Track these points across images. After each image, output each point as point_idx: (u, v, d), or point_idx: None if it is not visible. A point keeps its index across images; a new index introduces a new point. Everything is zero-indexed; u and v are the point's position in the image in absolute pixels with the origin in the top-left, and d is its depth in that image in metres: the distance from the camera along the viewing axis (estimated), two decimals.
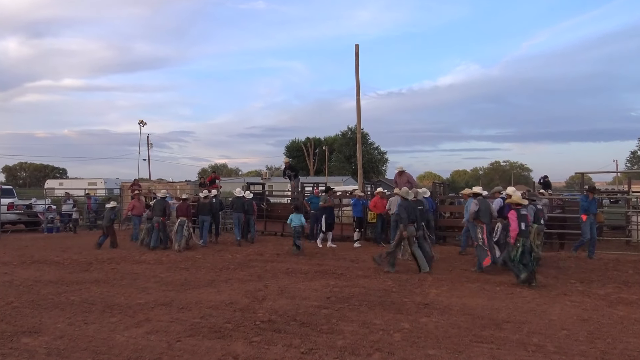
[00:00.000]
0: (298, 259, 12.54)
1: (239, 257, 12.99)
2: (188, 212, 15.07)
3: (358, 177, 20.26)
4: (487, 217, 10.84)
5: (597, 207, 12.76)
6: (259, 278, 9.97)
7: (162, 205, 15.15)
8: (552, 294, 8.50)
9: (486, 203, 11.05)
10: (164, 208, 15.09)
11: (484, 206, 10.93)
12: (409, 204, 10.87)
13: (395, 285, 9.16)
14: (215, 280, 9.71)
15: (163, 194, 16.16)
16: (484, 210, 10.85)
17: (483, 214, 10.82)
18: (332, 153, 74.31)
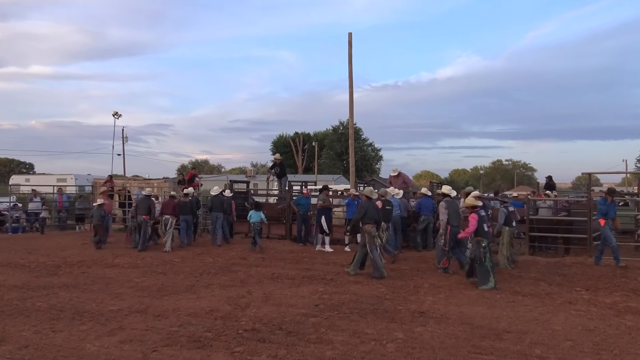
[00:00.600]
0: (285, 264, 12.53)
1: (221, 260, 12.96)
2: (175, 210, 15.53)
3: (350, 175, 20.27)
4: (455, 219, 11.38)
5: (616, 211, 12.76)
6: (242, 283, 9.96)
7: (147, 204, 15.47)
8: (556, 302, 8.57)
9: (455, 204, 11.61)
10: (149, 206, 15.41)
11: (453, 208, 11.45)
12: (369, 204, 11.24)
13: (388, 292, 9.20)
14: (194, 286, 9.68)
15: (148, 191, 16.36)
16: (453, 212, 11.38)
17: (452, 216, 11.34)
18: (322, 149, 74.39)
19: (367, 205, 11.23)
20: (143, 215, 15.32)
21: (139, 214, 15.50)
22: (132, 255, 13.87)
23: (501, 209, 12.52)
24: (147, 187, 22.30)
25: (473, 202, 10.30)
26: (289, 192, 18.47)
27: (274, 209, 18.60)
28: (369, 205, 11.23)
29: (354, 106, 19.99)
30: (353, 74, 19.79)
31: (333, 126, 75.35)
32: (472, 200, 10.34)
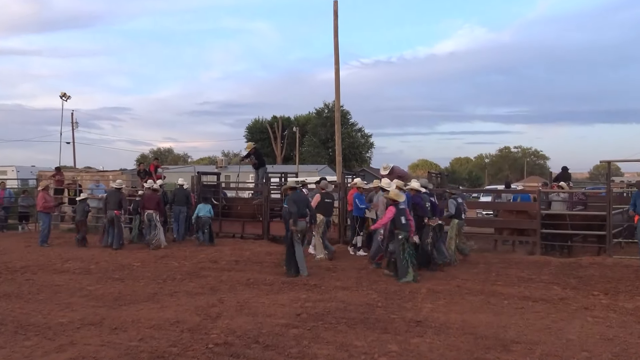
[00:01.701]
0: (262, 267, 12.54)
1: (188, 264, 12.94)
2: (160, 205, 16.30)
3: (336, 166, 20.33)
4: None
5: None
6: (213, 291, 9.96)
7: (117, 198, 16.05)
8: (570, 308, 8.68)
9: None
10: (119, 200, 15.99)
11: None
12: (299, 196, 11.94)
13: (381, 298, 9.25)
14: (157, 294, 9.66)
15: (119, 184, 16.81)
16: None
17: None
18: (304, 136, 74.34)
19: (295, 198, 11.78)
20: (114, 211, 15.83)
21: (109, 209, 15.98)
22: (84, 259, 13.79)
23: (450, 201, 13.21)
24: (102, 179, 22.21)
25: (395, 195, 11.27)
26: (266, 185, 18.43)
27: (249, 204, 18.57)
28: (297, 198, 11.82)
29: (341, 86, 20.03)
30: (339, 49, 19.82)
31: (317, 109, 75.20)
32: (394, 194, 11.31)
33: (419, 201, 12.17)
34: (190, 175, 20.12)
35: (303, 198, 12.13)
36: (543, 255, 14.21)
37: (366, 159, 75.23)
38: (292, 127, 74.02)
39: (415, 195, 12.30)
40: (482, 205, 22.83)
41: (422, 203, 12.17)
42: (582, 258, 13.52)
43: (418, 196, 12.31)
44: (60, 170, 23.42)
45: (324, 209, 13.92)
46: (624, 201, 16.08)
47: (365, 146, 74.78)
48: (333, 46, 19.82)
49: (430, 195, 12.66)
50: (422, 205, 12.13)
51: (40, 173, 25.06)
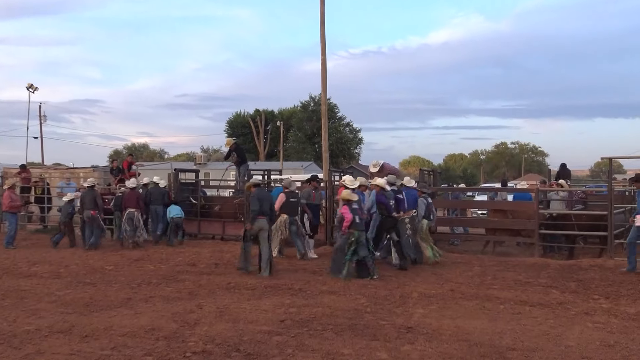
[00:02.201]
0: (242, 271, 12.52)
1: (164, 267, 12.90)
2: (140, 203, 16.81)
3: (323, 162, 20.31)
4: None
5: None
6: (191, 296, 9.93)
7: (92, 196, 16.36)
8: (569, 313, 8.74)
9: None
10: (94, 199, 16.32)
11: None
12: (261, 193, 12.46)
13: (370, 303, 9.26)
14: (131, 299, 9.62)
15: (90, 182, 17.05)
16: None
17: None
18: (288, 130, 74.33)
19: (258, 195, 12.29)
20: (91, 211, 16.13)
21: (85, 209, 16.26)
22: (53, 262, 13.71)
23: (420, 200, 13.61)
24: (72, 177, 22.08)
25: (348, 196, 12.05)
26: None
27: (230, 204, 18.53)
28: (260, 195, 12.34)
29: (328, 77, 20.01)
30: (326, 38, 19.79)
31: (302, 102, 75.29)
32: (346, 194, 12.11)
33: (382, 199, 12.84)
34: (167, 173, 20.03)
35: (267, 196, 12.69)
36: (541, 257, 14.31)
37: (355, 155, 75.38)
38: (276, 121, 73.86)
39: (379, 193, 12.94)
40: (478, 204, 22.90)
41: (385, 201, 12.81)
42: (582, 260, 13.63)
43: (382, 194, 12.92)
44: (26, 167, 23.25)
45: (289, 209, 14.27)
46: (626, 200, 16.23)
47: (353, 142, 74.94)
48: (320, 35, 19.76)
49: (398, 192, 13.32)
50: (385, 203, 12.78)
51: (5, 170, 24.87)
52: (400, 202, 13.13)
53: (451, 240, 18.10)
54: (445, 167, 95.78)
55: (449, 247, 16.72)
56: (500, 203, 18.64)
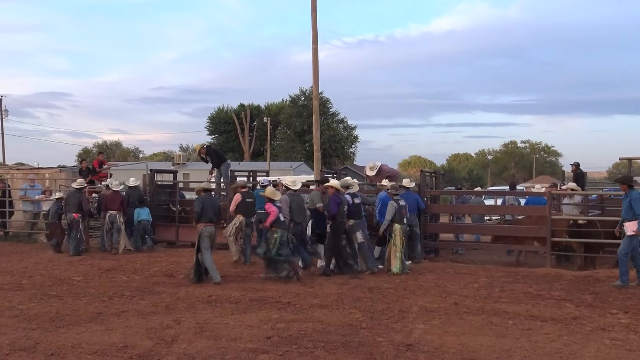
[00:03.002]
0: (226, 282, 12.50)
1: (138, 279, 12.87)
2: (123, 205, 17.12)
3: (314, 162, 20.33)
4: (300, 215, 13.76)
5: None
6: (168, 310, 9.92)
7: (77, 199, 16.54)
8: (585, 329, 8.77)
9: (299, 198, 13.98)
10: (80, 202, 16.53)
11: (297, 202, 13.77)
12: (206, 198, 13.10)
13: (365, 318, 9.27)
14: (102, 314, 9.60)
15: (79, 183, 17.30)
16: (297, 207, 13.70)
17: (295, 212, 13.62)
18: (276, 127, 74.29)
19: (203, 200, 13.01)
20: (73, 214, 16.39)
21: (68, 211, 16.51)
22: (15, 272, 13.67)
23: (390, 203, 13.75)
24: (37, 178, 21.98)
25: (271, 194, 12.92)
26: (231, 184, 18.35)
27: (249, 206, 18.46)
28: (205, 200, 13.01)
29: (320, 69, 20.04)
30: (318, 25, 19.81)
31: (291, 96, 75.13)
32: (269, 192, 12.98)
33: (331, 201, 13.36)
34: (142, 174, 19.98)
35: (213, 202, 13.28)
36: (554, 267, 14.34)
37: (349, 154, 75.39)
38: (263, 117, 73.83)
39: (332, 195, 13.42)
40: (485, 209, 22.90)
41: (338, 204, 13.31)
42: (598, 271, 13.67)
43: (335, 196, 13.42)
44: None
45: (245, 210, 14.78)
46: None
47: (348, 140, 74.90)
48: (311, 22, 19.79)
49: (354, 197, 13.97)
50: (331, 206, 13.30)
51: None
52: (352, 208, 13.72)
53: (454, 248, 18.14)
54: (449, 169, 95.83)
55: (452, 257, 16.76)
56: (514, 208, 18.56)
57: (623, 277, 11.97)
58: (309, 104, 61.31)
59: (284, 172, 43.50)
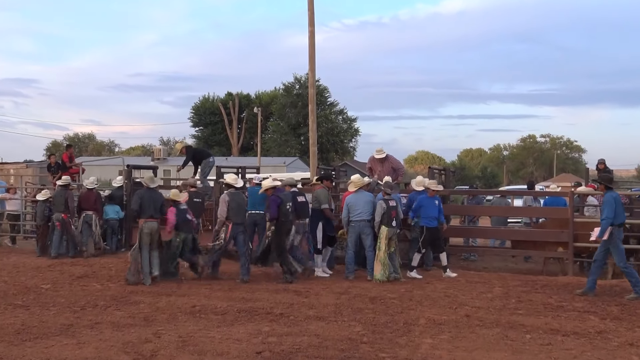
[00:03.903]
0: (211, 291, 12.51)
1: (114, 286, 12.88)
2: (97, 204, 17.53)
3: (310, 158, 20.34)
4: (239, 216, 14.03)
5: None
6: (147, 321, 9.91)
7: (64, 197, 16.80)
8: (611, 344, 8.77)
9: (239, 197, 14.28)
10: (66, 200, 16.78)
11: (236, 202, 14.07)
12: (145, 193, 13.78)
13: (367, 332, 9.27)
14: (73, 326, 9.58)
15: (65, 180, 17.53)
16: (236, 207, 14.00)
17: (234, 211, 13.94)
18: (268, 119, 74.32)
19: (142, 195, 13.70)
20: (62, 214, 16.89)
21: (56, 211, 16.82)
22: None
23: (379, 203, 13.93)
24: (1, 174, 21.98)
25: (175, 195, 13.90)
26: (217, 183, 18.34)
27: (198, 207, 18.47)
28: (144, 195, 13.68)
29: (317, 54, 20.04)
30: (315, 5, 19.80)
31: (285, 84, 75.17)
32: (173, 194, 13.94)
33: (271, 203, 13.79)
34: (118, 170, 19.99)
35: (154, 197, 13.85)
36: (577, 275, 14.34)
37: (349, 149, 75.49)
38: (253, 107, 73.85)
39: (272, 196, 13.85)
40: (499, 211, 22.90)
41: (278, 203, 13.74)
42: (624, 280, 13.67)
43: (275, 196, 13.87)
44: None
45: (193, 210, 14.92)
46: None
47: (347, 133, 74.96)
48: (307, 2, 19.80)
49: (299, 194, 14.72)
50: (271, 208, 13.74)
51: None
52: (299, 207, 14.40)
53: (465, 254, 18.13)
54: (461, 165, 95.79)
55: (463, 263, 16.78)
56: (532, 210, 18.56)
57: (636, 288, 12.03)
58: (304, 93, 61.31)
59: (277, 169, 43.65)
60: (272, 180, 14.35)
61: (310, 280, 13.64)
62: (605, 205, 12.24)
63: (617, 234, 12.17)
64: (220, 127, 76.97)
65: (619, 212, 12.15)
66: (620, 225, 12.20)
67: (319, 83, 63.48)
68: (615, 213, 12.01)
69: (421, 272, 14.47)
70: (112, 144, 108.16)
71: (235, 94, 78.75)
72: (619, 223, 12.15)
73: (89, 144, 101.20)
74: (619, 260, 12.25)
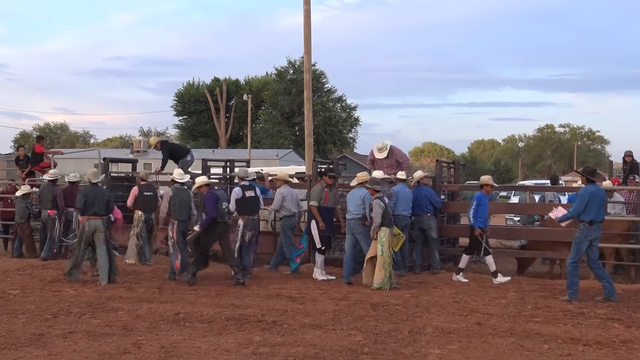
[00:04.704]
0: (197, 296, 12.53)
1: (89, 292, 12.88)
2: None
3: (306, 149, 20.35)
4: (183, 213, 14.59)
5: None
6: (126, 330, 9.91)
7: (52, 194, 17.01)
8: (636, 354, 8.79)
9: (184, 193, 14.80)
10: (54, 197, 16.98)
11: (181, 198, 14.64)
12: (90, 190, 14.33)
13: (368, 341, 9.27)
14: (44, 335, 9.57)
15: (52, 174, 17.71)
16: (181, 203, 14.59)
17: (178, 208, 14.52)
18: (259, 107, 74.31)
19: (86, 192, 14.28)
20: (48, 210, 16.96)
21: (43, 208, 17.14)
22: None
23: (375, 202, 13.78)
24: None
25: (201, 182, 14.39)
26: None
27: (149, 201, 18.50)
28: (89, 192, 14.27)
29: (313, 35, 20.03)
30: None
31: (277, 68, 75.18)
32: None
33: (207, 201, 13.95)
34: (94, 163, 19.97)
35: (100, 194, 14.32)
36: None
37: (348, 141, 75.56)
38: (242, 94, 73.71)
39: (207, 193, 14.05)
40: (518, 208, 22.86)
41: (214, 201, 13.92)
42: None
43: (211, 193, 14.07)
44: None
45: (144, 204, 15.96)
46: None
47: (347, 123, 75.00)
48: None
49: (248, 189, 14.98)
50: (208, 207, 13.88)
51: None
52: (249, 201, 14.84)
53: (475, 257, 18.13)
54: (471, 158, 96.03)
55: (475, 266, 16.79)
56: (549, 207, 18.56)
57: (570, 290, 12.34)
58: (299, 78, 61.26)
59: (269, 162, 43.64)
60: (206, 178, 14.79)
61: (306, 285, 13.65)
62: (577, 198, 12.43)
63: (586, 231, 12.27)
64: (207, 117, 76.97)
65: (593, 208, 12.21)
66: (591, 223, 12.24)
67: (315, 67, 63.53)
68: (586, 209, 12.14)
69: (429, 275, 14.51)
70: (87, 134, 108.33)
71: (223, 79, 78.83)
72: (590, 220, 12.22)
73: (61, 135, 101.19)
74: (571, 256, 12.44)
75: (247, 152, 58.18)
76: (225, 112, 76.84)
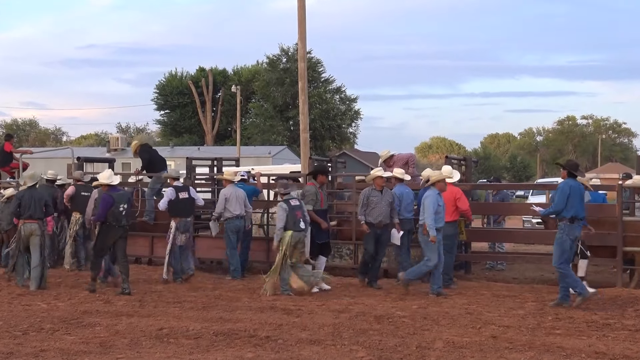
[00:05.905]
0: (182, 309, 12.54)
1: (63, 306, 12.90)
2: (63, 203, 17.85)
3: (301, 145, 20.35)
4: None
5: None
6: (103, 348, 9.91)
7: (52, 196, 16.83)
8: None
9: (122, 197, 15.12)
10: (55, 200, 16.96)
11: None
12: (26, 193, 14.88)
13: (372, 357, 9.27)
14: (14, 354, 9.59)
15: (52, 174, 18.17)
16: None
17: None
18: (249, 100, 74.31)
19: (21, 195, 14.91)
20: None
21: None
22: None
23: (280, 206, 14.28)
24: None
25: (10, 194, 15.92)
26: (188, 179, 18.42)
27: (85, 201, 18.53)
28: (24, 195, 14.84)
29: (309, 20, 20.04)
30: None
31: (269, 57, 75.22)
32: (9, 193, 15.78)
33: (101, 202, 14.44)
34: (67, 163, 19.98)
35: (37, 196, 14.95)
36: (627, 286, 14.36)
37: (348, 136, 75.49)
38: (231, 85, 73.73)
39: (104, 194, 14.59)
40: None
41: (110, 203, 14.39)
42: None
43: (107, 195, 14.51)
44: None
45: (80, 205, 16.32)
46: None
47: (346, 116, 74.95)
48: None
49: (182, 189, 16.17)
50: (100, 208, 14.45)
51: None
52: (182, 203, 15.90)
53: (489, 263, 18.14)
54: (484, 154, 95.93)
55: (489, 273, 16.83)
56: None
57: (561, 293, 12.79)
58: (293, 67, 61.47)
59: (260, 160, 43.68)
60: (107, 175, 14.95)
61: (302, 296, 13.66)
62: (557, 193, 12.65)
63: (567, 229, 12.44)
64: (191, 111, 76.98)
65: (574, 204, 12.40)
66: (572, 220, 12.41)
67: (310, 55, 63.53)
68: (567, 204, 12.33)
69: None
70: (59, 131, 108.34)
71: (209, 69, 78.81)
72: (571, 217, 12.39)
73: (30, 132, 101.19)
74: (555, 260, 12.67)
75: (236, 149, 57.96)
76: (212, 105, 76.81)
